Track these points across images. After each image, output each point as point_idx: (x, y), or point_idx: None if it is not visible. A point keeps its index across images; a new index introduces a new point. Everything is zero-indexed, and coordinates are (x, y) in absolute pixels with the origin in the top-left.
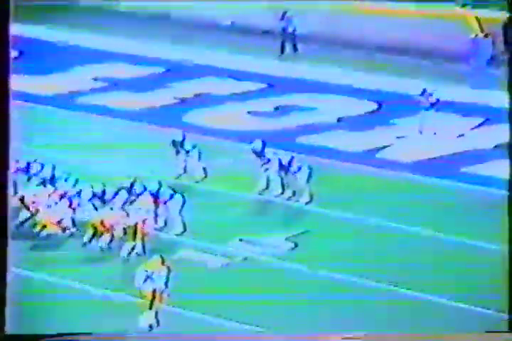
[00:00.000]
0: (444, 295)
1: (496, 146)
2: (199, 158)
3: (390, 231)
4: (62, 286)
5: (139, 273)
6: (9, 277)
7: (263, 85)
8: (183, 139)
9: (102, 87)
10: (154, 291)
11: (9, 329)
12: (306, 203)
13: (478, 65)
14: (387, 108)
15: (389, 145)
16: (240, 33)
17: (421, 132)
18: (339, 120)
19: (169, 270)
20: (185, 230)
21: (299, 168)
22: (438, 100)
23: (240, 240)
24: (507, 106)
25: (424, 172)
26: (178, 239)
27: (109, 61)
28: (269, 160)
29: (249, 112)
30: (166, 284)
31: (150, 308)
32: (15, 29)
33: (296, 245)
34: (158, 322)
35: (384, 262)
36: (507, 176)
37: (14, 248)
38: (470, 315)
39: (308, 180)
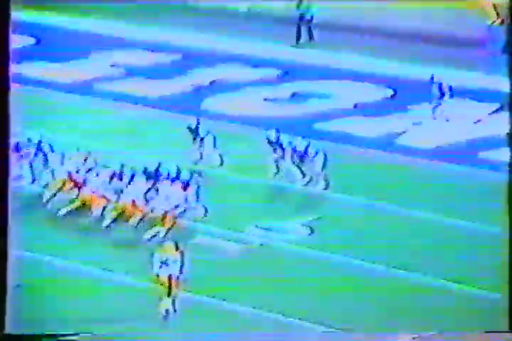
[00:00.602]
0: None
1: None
2: (214, 144)
3: (405, 218)
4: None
5: (155, 260)
6: (9, 277)
7: (279, 72)
8: (198, 125)
9: (119, 74)
10: (170, 277)
11: (9, 329)
12: (323, 189)
13: (495, 51)
14: (403, 94)
15: (405, 132)
16: (256, 19)
17: (435, 118)
18: (355, 106)
19: (183, 255)
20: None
21: (316, 154)
22: (450, 88)
23: (256, 226)
24: None
25: (441, 158)
26: (194, 225)
27: (126, 48)
28: (283, 149)
29: (265, 99)
30: (180, 270)
31: (168, 295)
32: (31, 16)
33: (312, 231)
34: (174, 308)
35: (398, 248)
36: None
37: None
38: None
39: (323, 167)
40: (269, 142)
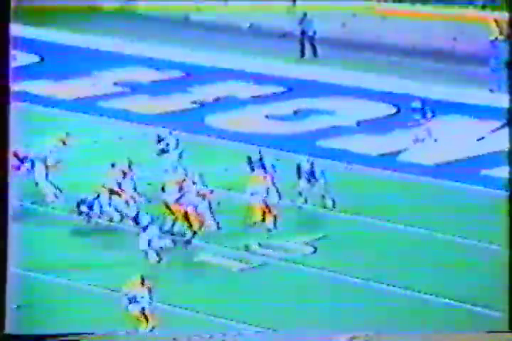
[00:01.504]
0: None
1: None
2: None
3: (409, 235)
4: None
5: (122, 297)
6: (9, 277)
7: (282, 88)
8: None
9: (122, 92)
10: (143, 311)
11: (9, 329)
12: (330, 208)
13: (498, 67)
14: (406, 111)
15: (407, 149)
16: (259, 36)
17: (416, 141)
18: (358, 123)
19: (150, 291)
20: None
21: (322, 173)
22: (433, 115)
23: (259, 245)
24: None
25: (444, 175)
26: (197, 243)
27: (129, 65)
28: (266, 171)
29: (266, 116)
30: (149, 303)
31: (146, 327)
32: (35, 33)
33: (315, 249)
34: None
35: (402, 266)
36: None
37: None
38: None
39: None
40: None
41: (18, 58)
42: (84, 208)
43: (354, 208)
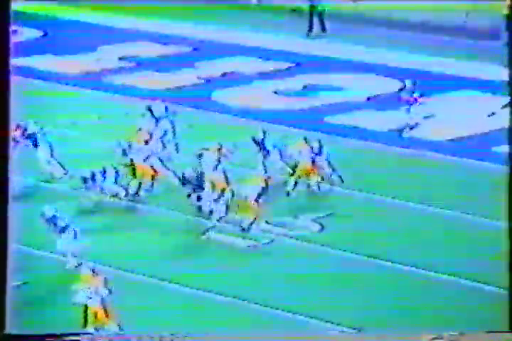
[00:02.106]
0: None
1: None
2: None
3: (417, 212)
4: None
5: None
6: (9, 277)
7: (291, 64)
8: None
9: (128, 67)
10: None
11: (9, 329)
12: (339, 184)
13: (510, 42)
14: (416, 86)
15: (417, 125)
16: (267, 11)
17: (411, 127)
18: (368, 99)
19: (106, 282)
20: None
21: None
22: (421, 95)
23: (267, 222)
24: None
25: (454, 151)
26: (206, 222)
27: (135, 40)
28: (268, 152)
29: (275, 92)
30: (102, 301)
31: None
32: (38, 8)
33: (322, 227)
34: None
35: (410, 243)
36: None
37: None
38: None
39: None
40: (255, 142)
41: (22, 33)
42: (89, 182)
43: (362, 184)
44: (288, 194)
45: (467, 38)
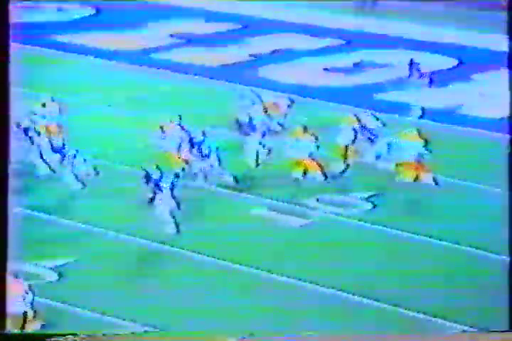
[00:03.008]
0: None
1: None
2: None
3: (467, 190)
4: None
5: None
6: (9, 275)
7: (341, 41)
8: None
9: (178, 43)
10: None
11: (9, 329)
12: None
13: None
14: (468, 64)
15: (469, 102)
16: None
17: (422, 110)
18: (420, 76)
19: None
20: None
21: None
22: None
23: (317, 200)
24: None
25: (506, 129)
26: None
27: (185, 17)
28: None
29: (326, 69)
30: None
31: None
32: None
33: (374, 205)
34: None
35: (461, 221)
36: None
37: None
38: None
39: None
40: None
41: (74, 11)
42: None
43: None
44: (344, 171)
45: None
